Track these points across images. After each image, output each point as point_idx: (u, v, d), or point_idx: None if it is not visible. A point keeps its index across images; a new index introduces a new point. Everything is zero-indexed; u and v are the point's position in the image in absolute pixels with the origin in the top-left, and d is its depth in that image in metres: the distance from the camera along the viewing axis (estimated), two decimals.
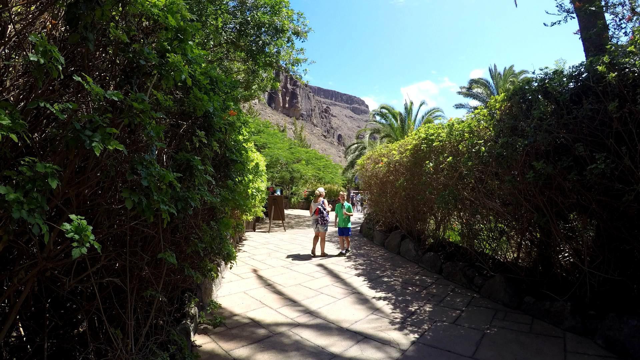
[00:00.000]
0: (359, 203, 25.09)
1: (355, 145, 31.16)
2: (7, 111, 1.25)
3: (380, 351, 3.12)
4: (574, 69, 3.71)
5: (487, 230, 5.35)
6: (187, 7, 3.63)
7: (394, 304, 4.42)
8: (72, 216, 1.46)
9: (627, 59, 3.14)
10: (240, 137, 3.94)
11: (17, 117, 1.27)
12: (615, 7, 4.69)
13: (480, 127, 4.90)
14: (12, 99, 1.81)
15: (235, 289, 4.97)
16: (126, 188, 1.74)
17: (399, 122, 23.14)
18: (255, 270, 6.12)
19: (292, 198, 26.59)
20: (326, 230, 7.66)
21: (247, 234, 11.05)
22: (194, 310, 3.39)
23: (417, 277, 5.76)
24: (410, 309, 4.25)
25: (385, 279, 5.65)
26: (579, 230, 3.95)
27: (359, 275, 5.94)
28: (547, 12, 5.46)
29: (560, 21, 5.28)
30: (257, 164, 7.35)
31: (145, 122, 1.80)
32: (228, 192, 3.44)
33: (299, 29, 9.65)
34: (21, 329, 2.11)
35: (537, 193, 3.84)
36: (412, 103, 23.36)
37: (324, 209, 7.65)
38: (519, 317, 3.94)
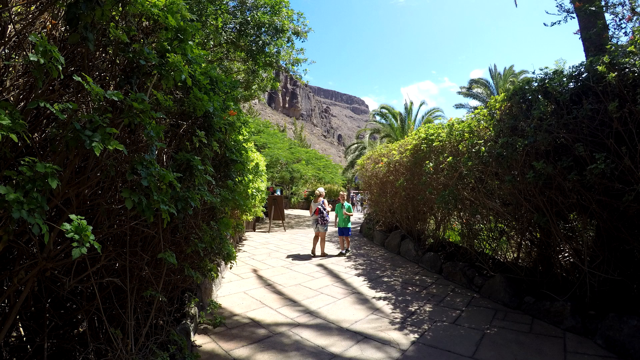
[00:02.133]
0: (359, 203, 25.08)
1: (355, 145, 31.16)
2: (7, 111, 1.25)
3: (380, 351, 3.12)
4: (574, 69, 3.71)
5: (487, 230, 5.35)
6: (187, 7, 3.63)
7: (394, 304, 4.42)
8: (72, 216, 1.46)
9: (627, 59, 3.14)
10: (240, 137, 3.94)
11: (17, 117, 1.27)
12: (615, 7, 4.69)
13: (480, 127, 4.90)
14: (12, 99, 1.81)
15: (235, 289, 4.97)
16: (126, 188, 1.74)
17: (399, 122, 23.14)
18: (255, 270, 6.13)
19: (292, 198, 26.58)
20: (326, 230, 7.66)
21: (247, 234, 11.05)
22: (194, 310, 3.39)
23: (417, 277, 5.76)
24: (410, 309, 4.25)
25: (385, 279, 5.65)
26: (579, 230, 3.95)
27: (359, 275, 5.94)
28: (547, 12, 5.47)
29: (560, 21, 5.28)
30: (257, 164, 7.35)
31: (145, 122, 1.80)
32: (228, 192, 3.44)
33: (299, 29, 9.65)
34: (21, 329, 2.11)
35: (537, 193, 3.84)
36: (412, 103, 23.37)
37: (324, 209, 7.65)
38: (519, 317, 3.94)
